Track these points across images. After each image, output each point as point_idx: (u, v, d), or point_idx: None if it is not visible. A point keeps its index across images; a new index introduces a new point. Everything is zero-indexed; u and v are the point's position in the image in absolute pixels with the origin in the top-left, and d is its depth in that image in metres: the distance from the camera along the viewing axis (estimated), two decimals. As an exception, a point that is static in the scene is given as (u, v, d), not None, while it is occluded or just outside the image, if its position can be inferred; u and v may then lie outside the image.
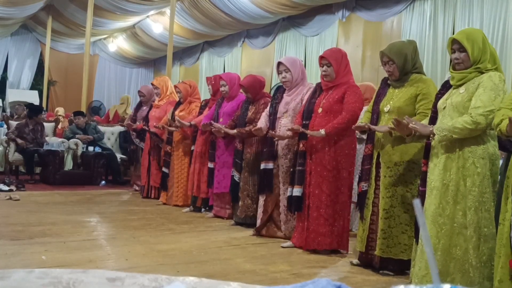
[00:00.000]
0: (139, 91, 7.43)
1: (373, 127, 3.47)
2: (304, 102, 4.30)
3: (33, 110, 8.38)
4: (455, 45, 2.95)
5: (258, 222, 4.59)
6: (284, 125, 4.34)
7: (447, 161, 2.91)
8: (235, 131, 4.97)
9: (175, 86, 6.48)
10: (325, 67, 4.02)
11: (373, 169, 3.54)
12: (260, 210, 4.63)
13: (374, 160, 3.54)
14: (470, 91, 2.86)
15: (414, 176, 3.37)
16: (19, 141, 7.79)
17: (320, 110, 4.00)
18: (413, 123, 2.93)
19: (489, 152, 2.84)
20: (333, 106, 3.95)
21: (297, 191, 4.07)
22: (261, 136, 4.71)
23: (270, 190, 4.54)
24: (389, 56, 3.45)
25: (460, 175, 2.85)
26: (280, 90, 4.66)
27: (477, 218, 2.79)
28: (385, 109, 3.48)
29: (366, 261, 3.59)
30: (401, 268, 3.43)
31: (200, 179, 5.65)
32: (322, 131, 3.88)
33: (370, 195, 3.54)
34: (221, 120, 5.36)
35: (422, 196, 3.07)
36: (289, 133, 4.16)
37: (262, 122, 4.66)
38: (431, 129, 2.86)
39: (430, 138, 3.00)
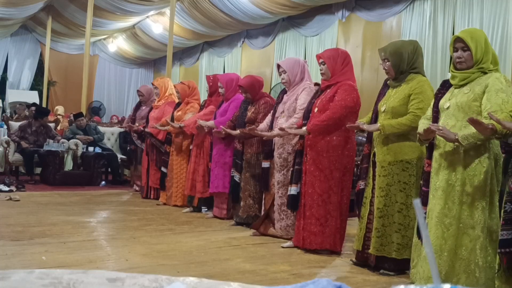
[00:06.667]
0: (138, 91, 7.43)
1: (365, 126, 3.49)
2: (301, 101, 4.32)
3: (41, 112, 8.38)
4: (458, 44, 2.93)
5: (261, 220, 4.68)
6: (280, 124, 4.38)
7: (453, 161, 2.89)
8: (237, 131, 4.97)
9: (174, 86, 6.48)
10: (321, 65, 4.07)
11: (370, 168, 3.55)
12: (262, 209, 4.71)
13: (371, 160, 3.56)
14: (476, 91, 2.84)
15: (409, 176, 3.38)
16: (24, 144, 7.80)
17: (316, 110, 4.02)
18: (440, 129, 2.80)
19: (494, 152, 2.84)
20: (325, 106, 3.96)
21: (293, 189, 4.10)
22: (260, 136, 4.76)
23: (266, 188, 4.62)
24: (384, 54, 3.47)
25: (466, 175, 2.84)
26: (282, 91, 4.70)
27: (483, 217, 2.79)
28: (382, 109, 3.50)
29: (363, 260, 3.61)
30: (398, 267, 3.43)
31: (196, 179, 5.67)
32: (304, 128, 3.94)
33: (368, 194, 3.55)
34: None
35: (425, 196, 3.06)
36: (279, 131, 4.20)
37: (264, 122, 4.75)
38: (456, 137, 2.76)
39: (435, 140, 2.99)
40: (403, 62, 3.45)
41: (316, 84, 4.42)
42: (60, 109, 11.48)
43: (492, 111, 2.65)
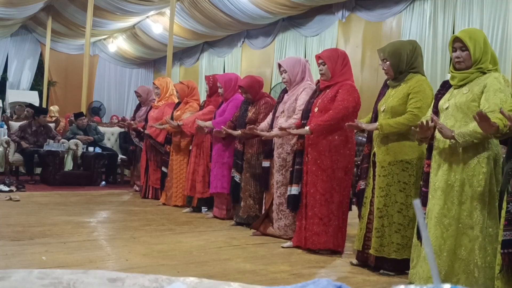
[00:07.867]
0: (135, 92, 7.43)
1: (363, 125, 3.49)
2: (300, 101, 4.33)
3: (39, 111, 8.39)
4: (457, 44, 2.93)
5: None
6: (280, 124, 4.38)
7: (452, 161, 2.88)
8: (239, 132, 4.96)
9: (174, 85, 6.48)
10: (321, 66, 4.06)
11: (371, 168, 3.56)
12: (263, 209, 4.74)
13: (371, 160, 3.56)
14: (475, 91, 2.84)
15: (408, 176, 3.38)
16: (24, 144, 7.80)
17: (316, 109, 4.02)
18: (439, 124, 2.80)
19: (493, 152, 2.83)
20: (326, 106, 3.96)
21: (294, 189, 4.09)
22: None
23: (266, 188, 4.65)
24: (383, 54, 3.48)
25: (465, 175, 2.83)
26: (284, 90, 4.70)
27: (482, 218, 2.79)
28: (381, 109, 3.50)
29: (363, 260, 3.61)
30: (397, 267, 3.43)
31: (196, 179, 5.67)
32: (307, 128, 3.94)
33: (368, 194, 3.55)
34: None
35: (424, 197, 3.06)
36: (278, 131, 4.21)
37: (265, 121, 4.76)
38: (453, 134, 2.75)
39: (434, 141, 2.99)
40: (402, 62, 3.45)
41: (318, 82, 4.41)
42: (54, 109, 11.40)
43: (490, 111, 2.65)
